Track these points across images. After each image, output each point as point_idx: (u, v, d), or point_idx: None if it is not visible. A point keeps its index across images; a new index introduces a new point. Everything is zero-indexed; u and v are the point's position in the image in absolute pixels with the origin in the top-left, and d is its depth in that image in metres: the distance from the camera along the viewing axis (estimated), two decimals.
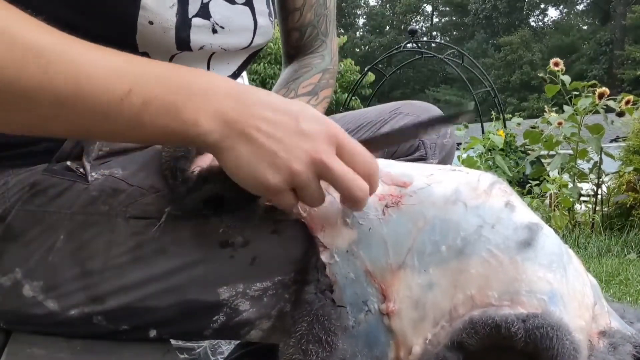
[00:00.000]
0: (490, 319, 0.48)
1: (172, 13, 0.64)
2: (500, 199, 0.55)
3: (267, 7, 0.77)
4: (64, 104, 0.44)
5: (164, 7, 0.63)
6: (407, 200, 0.55)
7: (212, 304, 0.56)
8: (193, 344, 1.02)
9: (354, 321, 0.54)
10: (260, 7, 0.75)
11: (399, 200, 0.55)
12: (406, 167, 0.60)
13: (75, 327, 0.58)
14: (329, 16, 0.92)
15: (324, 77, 0.88)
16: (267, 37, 0.77)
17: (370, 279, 0.54)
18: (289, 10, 0.89)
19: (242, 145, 0.48)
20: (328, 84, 0.88)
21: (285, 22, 0.91)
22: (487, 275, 0.51)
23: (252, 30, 0.74)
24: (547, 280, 0.50)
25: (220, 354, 1.02)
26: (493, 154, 4.23)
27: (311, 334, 0.51)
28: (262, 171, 0.49)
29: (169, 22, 0.64)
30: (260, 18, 0.75)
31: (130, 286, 0.56)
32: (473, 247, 0.52)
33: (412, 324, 0.52)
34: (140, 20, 0.62)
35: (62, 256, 0.56)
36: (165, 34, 0.64)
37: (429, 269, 0.53)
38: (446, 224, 0.53)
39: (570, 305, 0.51)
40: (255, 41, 0.75)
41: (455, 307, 0.51)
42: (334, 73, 0.91)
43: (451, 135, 0.88)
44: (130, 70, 0.46)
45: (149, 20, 0.62)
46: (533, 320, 0.47)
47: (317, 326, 0.51)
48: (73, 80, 0.44)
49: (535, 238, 0.52)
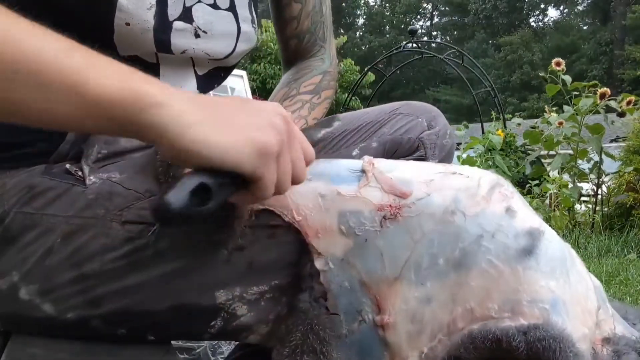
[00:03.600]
0: (490, 333, 0.47)
1: (150, 15, 0.63)
2: (501, 205, 0.54)
3: (250, 14, 0.76)
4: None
5: (142, 8, 0.62)
6: (405, 212, 0.54)
7: (209, 307, 0.56)
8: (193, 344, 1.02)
9: (348, 330, 0.53)
10: (243, 13, 0.74)
11: (397, 212, 0.54)
12: (407, 171, 0.58)
13: (72, 330, 0.57)
14: (326, 22, 0.92)
15: (324, 79, 0.88)
16: (250, 44, 0.77)
17: (365, 289, 0.53)
18: (285, 19, 0.89)
19: (214, 117, 0.45)
20: (329, 85, 0.89)
21: (283, 31, 0.91)
22: (487, 286, 0.50)
23: (235, 37, 0.74)
24: (549, 288, 0.50)
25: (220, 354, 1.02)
26: (493, 154, 4.23)
27: (306, 344, 0.50)
28: (252, 133, 0.45)
29: (146, 24, 0.63)
30: (244, 24, 0.75)
31: (126, 290, 0.55)
32: (473, 258, 0.51)
33: (408, 337, 0.51)
34: (116, 22, 0.61)
35: (59, 260, 0.56)
36: (143, 36, 0.63)
37: (427, 283, 0.51)
38: (444, 236, 0.52)
39: (574, 312, 0.50)
40: (239, 47, 0.75)
41: (454, 321, 0.50)
42: (334, 75, 0.91)
43: (450, 136, 0.88)
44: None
45: (126, 22, 0.62)
46: (534, 332, 0.46)
47: (311, 336, 0.50)
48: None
49: (536, 245, 0.51)
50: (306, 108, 0.82)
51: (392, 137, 0.84)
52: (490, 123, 5.00)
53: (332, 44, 0.95)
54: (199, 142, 0.43)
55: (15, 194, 0.58)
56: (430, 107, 0.88)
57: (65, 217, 0.57)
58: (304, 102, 0.83)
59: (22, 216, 0.57)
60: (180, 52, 0.68)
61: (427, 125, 0.85)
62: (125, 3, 0.61)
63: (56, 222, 0.57)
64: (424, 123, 0.85)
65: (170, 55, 0.68)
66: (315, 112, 0.83)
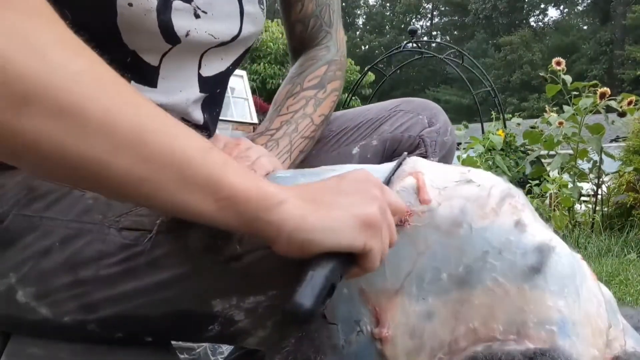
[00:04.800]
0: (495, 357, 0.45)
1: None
2: (510, 218, 0.51)
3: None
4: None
5: None
6: (414, 220, 0.52)
7: (206, 314, 0.55)
8: (193, 344, 1.02)
9: (345, 340, 0.51)
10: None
11: (406, 220, 0.52)
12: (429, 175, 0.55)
13: (69, 333, 0.57)
14: (332, 6, 0.90)
15: (330, 69, 0.86)
16: (258, 25, 0.75)
17: (364, 299, 0.51)
18: (290, 2, 0.88)
19: (322, 204, 0.47)
20: (335, 75, 0.86)
21: (288, 15, 0.89)
22: (491, 306, 0.48)
23: (239, 17, 0.72)
24: (558, 308, 0.47)
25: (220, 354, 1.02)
26: (493, 154, 4.23)
27: (299, 352, 0.48)
28: (357, 210, 0.47)
29: (149, 4, 0.62)
30: (248, 5, 0.73)
31: (121, 297, 0.55)
32: (477, 275, 0.49)
33: (407, 352, 0.50)
34: (119, 2, 0.60)
35: (55, 264, 0.55)
36: (147, 17, 0.62)
37: (428, 298, 0.50)
38: (448, 250, 0.50)
39: (583, 334, 0.48)
40: (245, 29, 0.73)
41: (456, 340, 0.48)
42: (341, 64, 0.89)
43: (451, 133, 0.86)
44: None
45: (128, 2, 0.61)
46: (541, 359, 0.44)
47: (306, 343, 0.49)
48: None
49: (545, 262, 0.49)
50: (311, 105, 0.80)
51: (393, 135, 0.83)
52: (490, 123, 4.99)
53: (340, 29, 0.92)
54: (314, 230, 0.45)
55: (14, 195, 0.58)
56: (430, 104, 0.87)
57: (64, 220, 0.56)
58: (308, 98, 0.81)
59: (21, 218, 0.56)
60: (185, 35, 0.67)
61: (428, 123, 0.84)
62: None
63: (55, 226, 0.56)
64: (424, 120, 0.84)
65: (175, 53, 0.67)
66: (322, 108, 0.81)
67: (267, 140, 0.75)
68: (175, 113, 0.72)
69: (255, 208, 0.44)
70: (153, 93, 0.69)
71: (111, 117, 0.40)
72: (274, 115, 0.80)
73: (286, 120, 0.78)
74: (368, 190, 0.49)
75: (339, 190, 0.49)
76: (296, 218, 0.45)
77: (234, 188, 0.44)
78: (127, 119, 0.41)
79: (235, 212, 0.45)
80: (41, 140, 0.39)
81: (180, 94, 0.71)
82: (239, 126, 9.75)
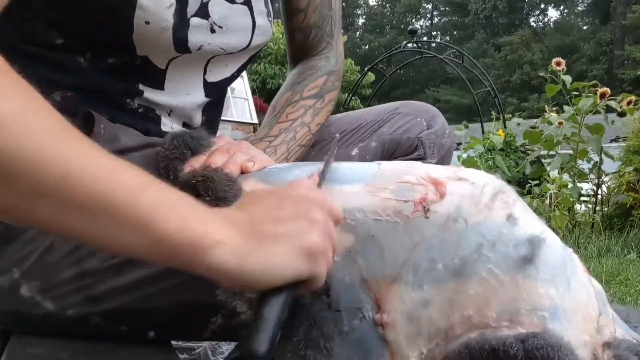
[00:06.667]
0: (487, 342, 0.47)
1: (169, 13, 0.63)
2: (502, 212, 0.53)
3: (266, 7, 0.76)
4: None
5: (162, 7, 0.63)
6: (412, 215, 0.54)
7: (210, 304, 0.56)
8: (193, 344, 1.02)
9: (349, 326, 0.53)
10: (258, 6, 0.74)
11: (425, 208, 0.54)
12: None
13: (73, 328, 0.57)
14: (334, 17, 0.91)
15: (329, 80, 0.87)
16: (266, 37, 0.77)
17: (365, 286, 0.53)
18: (292, 11, 0.88)
19: (262, 238, 0.45)
20: (334, 86, 0.88)
21: (290, 23, 0.90)
22: (486, 295, 0.50)
23: (251, 30, 0.74)
24: (549, 296, 0.49)
25: (220, 354, 1.02)
26: (493, 154, 4.23)
27: (309, 340, 0.50)
28: (299, 241, 0.46)
29: (166, 22, 0.63)
30: (259, 18, 0.75)
31: (125, 288, 0.56)
32: (472, 267, 0.51)
33: (407, 337, 0.52)
34: (136, 20, 0.62)
35: (59, 257, 0.56)
36: (162, 34, 0.64)
37: (424, 286, 0.52)
38: (444, 243, 0.52)
39: (574, 320, 0.50)
40: (254, 41, 0.75)
41: (452, 327, 0.50)
42: (339, 75, 0.91)
43: (449, 135, 0.88)
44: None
45: (145, 20, 0.62)
46: (532, 340, 0.46)
47: (315, 331, 0.50)
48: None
49: (536, 253, 0.51)
50: (309, 114, 0.82)
51: (391, 137, 0.84)
52: (490, 123, 4.99)
53: (340, 40, 0.93)
54: (254, 272, 0.44)
55: None
56: (429, 107, 0.89)
57: None
58: (307, 107, 0.83)
59: None
60: (197, 49, 0.68)
61: (426, 125, 0.85)
62: (146, 2, 0.61)
63: None
64: (423, 123, 0.85)
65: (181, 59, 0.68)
66: (319, 118, 0.83)
67: (266, 146, 0.77)
68: (181, 116, 0.74)
69: (187, 253, 0.42)
70: (162, 95, 0.70)
71: (35, 164, 0.39)
72: (274, 122, 0.81)
73: (285, 128, 0.80)
74: (308, 213, 0.48)
75: (278, 217, 0.47)
76: (232, 263, 0.43)
77: (164, 232, 0.42)
78: (53, 166, 0.39)
79: (169, 257, 0.43)
80: None
81: (187, 97, 0.73)
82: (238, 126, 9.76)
